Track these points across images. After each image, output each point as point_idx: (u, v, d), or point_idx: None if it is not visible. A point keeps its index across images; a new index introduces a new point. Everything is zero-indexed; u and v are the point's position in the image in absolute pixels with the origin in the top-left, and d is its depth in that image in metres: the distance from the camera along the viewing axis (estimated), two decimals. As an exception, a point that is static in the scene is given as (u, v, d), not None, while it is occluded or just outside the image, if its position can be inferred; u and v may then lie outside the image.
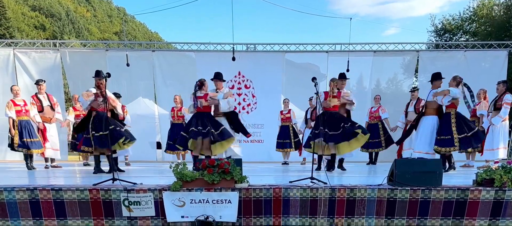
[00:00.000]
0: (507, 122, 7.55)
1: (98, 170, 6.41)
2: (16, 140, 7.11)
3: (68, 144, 8.39)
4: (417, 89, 8.58)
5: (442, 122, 6.60)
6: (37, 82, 7.59)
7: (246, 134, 6.74)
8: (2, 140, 9.96)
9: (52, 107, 7.65)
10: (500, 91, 7.39)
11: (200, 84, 6.50)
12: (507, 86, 7.46)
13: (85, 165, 8.65)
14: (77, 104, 8.35)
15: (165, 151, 8.98)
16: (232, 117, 6.70)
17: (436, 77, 6.77)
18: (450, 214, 4.47)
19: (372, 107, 8.94)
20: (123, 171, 6.78)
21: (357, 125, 6.42)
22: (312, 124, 7.56)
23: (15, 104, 7.22)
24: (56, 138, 7.83)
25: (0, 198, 4.27)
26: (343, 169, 6.76)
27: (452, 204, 4.46)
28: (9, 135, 7.25)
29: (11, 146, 7.25)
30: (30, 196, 4.29)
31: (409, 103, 8.62)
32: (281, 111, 9.00)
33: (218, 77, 6.67)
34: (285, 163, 9.09)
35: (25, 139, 7.15)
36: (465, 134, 6.38)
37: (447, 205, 4.46)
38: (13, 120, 7.15)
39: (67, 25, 39.17)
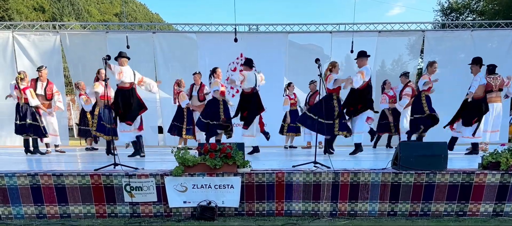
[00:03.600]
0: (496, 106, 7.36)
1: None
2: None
3: (75, 128, 8.33)
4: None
5: None
6: (39, 69, 7.51)
7: None
8: (1, 125, 9.93)
9: (46, 98, 7.57)
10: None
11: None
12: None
13: (88, 149, 8.63)
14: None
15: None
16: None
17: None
18: (455, 198, 4.43)
19: (389, 92, 8.74)
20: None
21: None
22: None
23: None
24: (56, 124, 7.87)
25: (1, 184, 4.26)
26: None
27: (457, 188, 4.42)
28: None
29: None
30: (31, 181, 4.27)
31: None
32: (289, 96, 8.84)
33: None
34: (292, 147, 9.03)
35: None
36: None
37: (452, 189, 4.42)
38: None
39: (66, 6, 38.62)
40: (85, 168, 4.86)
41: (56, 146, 7.91)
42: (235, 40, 9.62)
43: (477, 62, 6.79)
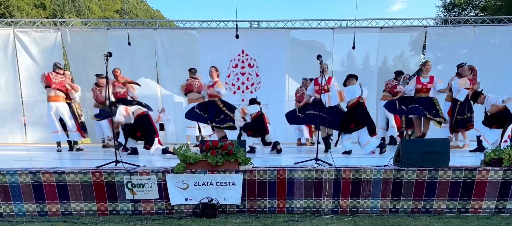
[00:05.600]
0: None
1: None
2: None
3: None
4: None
5: None
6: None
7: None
8: (3, 122, 9.95)
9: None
10: None
11: None
12: None
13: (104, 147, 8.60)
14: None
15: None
16: None
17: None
18: (457, 195, 4.42)
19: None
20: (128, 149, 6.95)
21: None
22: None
23: None
24: None
25: (3, 182, 4.26)
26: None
27: (459, 184, 4.41)
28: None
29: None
30: (33, 179, 4.27)
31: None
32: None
33: None
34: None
35: None
36: None
37: (454, 185, 4.41)
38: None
39: (67, 3, 38.47)
40: (86, 165, 4.85)
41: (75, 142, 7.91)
42: (237, 36, 9.59)
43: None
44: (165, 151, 6.44)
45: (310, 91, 6.89)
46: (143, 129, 6.55)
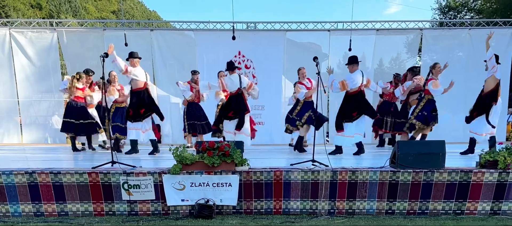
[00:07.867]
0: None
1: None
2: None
3: None
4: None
5: None
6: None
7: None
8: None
9: None
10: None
11: None
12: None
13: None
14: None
15: None
16: None
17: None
18: (453, 196, 4.45)
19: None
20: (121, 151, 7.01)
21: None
22: None
23: None
24: None
25: (-2, 182, 4.24)
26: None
27: (454, 186, 4.44)
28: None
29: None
30: (29, 179, 4.26)
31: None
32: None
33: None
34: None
35: None
36: None
37: (449, 187, 4.44)
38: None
39: (63, 3, 38.28)
40: (83, 166, 4.84)
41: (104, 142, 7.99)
42: (233, 38, 9.60)
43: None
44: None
45: (301, 95, 6.97)
46: (144, 104, 6.47)
